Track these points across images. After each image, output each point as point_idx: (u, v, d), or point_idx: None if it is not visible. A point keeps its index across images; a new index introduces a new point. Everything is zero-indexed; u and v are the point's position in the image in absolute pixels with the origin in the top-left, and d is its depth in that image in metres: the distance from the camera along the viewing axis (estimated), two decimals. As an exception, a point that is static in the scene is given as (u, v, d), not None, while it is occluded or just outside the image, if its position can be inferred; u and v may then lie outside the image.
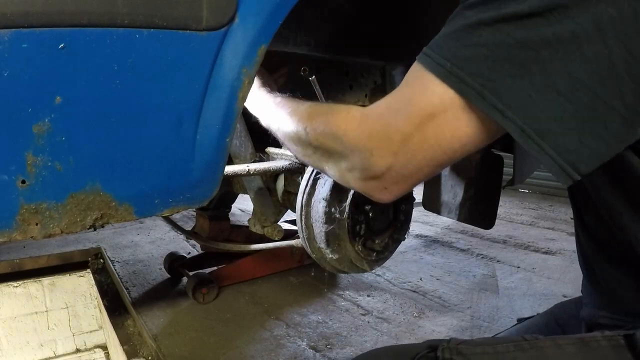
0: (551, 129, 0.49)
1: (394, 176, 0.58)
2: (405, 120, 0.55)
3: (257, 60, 0.83)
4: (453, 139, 0.54)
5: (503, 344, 0.63)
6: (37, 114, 0.66)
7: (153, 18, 0.71)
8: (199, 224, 2.04)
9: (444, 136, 0.54)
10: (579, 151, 0.50)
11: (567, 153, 0.50)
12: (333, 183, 0.95)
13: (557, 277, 2.29)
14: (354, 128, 0.61)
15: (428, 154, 0.56)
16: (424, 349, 0.64)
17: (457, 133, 0.54)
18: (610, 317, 0.71)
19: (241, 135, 1.17)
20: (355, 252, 0.99)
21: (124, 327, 1.87)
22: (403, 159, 0.57)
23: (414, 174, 0.58)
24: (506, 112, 0.50)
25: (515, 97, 0.49)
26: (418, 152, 0.56)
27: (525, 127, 0.50)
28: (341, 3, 1.36)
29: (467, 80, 0.51)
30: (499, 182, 1.54)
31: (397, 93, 0.59)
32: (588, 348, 0.61)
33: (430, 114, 0.54)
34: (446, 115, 0.53)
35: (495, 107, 0.50)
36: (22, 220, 0.68)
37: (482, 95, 0.50)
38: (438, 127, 0.54)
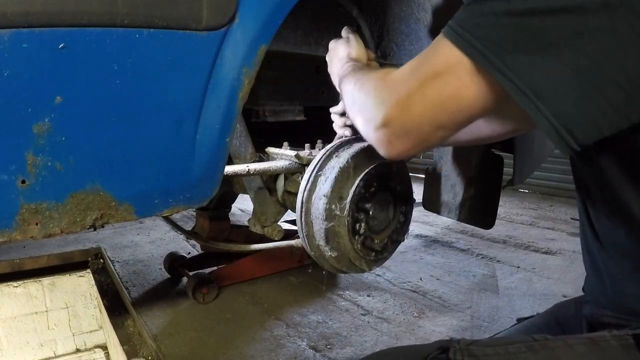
0: (551, 93, 0.51)
1: (397, 128, 0.62)
2: (413, 77, 0.60)
3: (257, 60, 0.83)
4: (452, 99, 0.57)
5: (514, 344, 0.63)
6: (37, 113, 0.66)
7: (153, 18, 0.71)
8: (199, 224, 2.04)
9: (445, 95, 0.57)
10: (576, 117, 0.52)
11: (564, 117, 0.52)
12: (334, 180, 0.95)
13: (557, 277, 2.29)
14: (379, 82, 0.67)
15: (428, 110, 0.59)
16: (434, 350, 0.65)
17: (458, 93, 0.57)
18: (614, 315, 0.71)
19: (241, 135, 1.17)
20: (354, 251, 0.99)
21: (124, 327, 1.87)
22: (405, 112, 0.61)
23: (415, 129, 0.61)
24: (508, 73, 0.52)
25: (519, 62, 0.52)
26: (418, 106, 0.59)
27: (526, 90, 0.52)
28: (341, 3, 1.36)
29: (475, 43, 0.54)
30: (499, 182, 1.54)
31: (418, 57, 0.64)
32: (598, 348, 0.61)
33: (435, 73, 0.58)
34: (449, 76, 0.57)
35: (498, 68, 0.52)
36: (22, 220, 0.68)
37: (487, 57, 0.53)
38: (440, 85, 0.57)
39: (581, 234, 0.80)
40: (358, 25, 1.47)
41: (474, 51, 0.54)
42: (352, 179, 0.97)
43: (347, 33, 1.07)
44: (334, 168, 0.96)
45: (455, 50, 0.56)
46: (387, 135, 0.63)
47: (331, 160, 0.99)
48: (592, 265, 0.76)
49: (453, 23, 0.58)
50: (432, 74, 0.58)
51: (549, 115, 0.52)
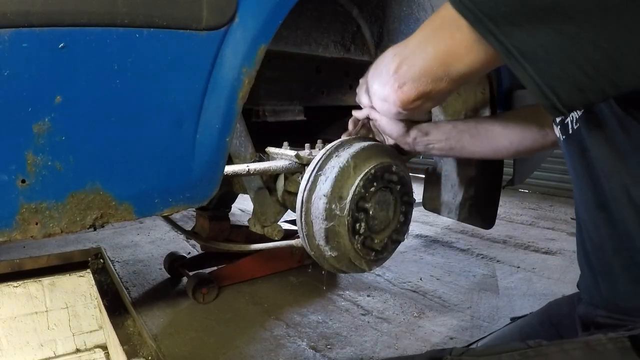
0: (536, 53, 0.54)
1: (401, 76, 0.73)
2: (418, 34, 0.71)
3: (257, 60, 0.83)
4: (446, 54, 0.65)
5: (507, 352, 0.63)
6: (37, 113, 0.66)
7: (153, 18, 0.71)
8: (199, 224, 2.04)
9: (439, 49, 0.65)
10: (560, 76, 0.54)
11: (548, 76, 0.54)
12: (334, 180, 0.95)
13: (557, 277, 2.29)
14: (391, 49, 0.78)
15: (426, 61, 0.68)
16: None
17: (451, 49, 0.64)
18: (608, 315, 0.71)
19: (241, 135, 1.17)
20: (354, 251, 0.99)
21: (124, 327, 1.87)
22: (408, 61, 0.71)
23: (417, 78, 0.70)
24: (498, 35, 0.56)
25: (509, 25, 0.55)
26: (418, 56, 0.69)
27: (513, 50, 0.55)
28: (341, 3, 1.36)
29: (470, 6, 0.58)
30: (499, 182, 1.54)
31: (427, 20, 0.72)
32: (594, 352, 0.61)
33: (433, 30, 0.67)
34: (445, 32, 0.64)
35: (489, 29, 0.56)
36: (22, 220, 0.68)
37: (479, 19, 0.57)
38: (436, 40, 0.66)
39: (577, 231, 0.80)
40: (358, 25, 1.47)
41: (468, 13, 0.58)
42: (353, 178, 0.96)
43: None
44: (334, 168, 0.96)
45: (452, 11, 0.60)
46: (397, 80, 0.74)
47: (331, 160, 0.99)
48: (587, 263, 0.76)
49: None
50: (432, 29, 0.67)
51: (533, 73, 0.55)
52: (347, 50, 1.47)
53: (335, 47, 1.44)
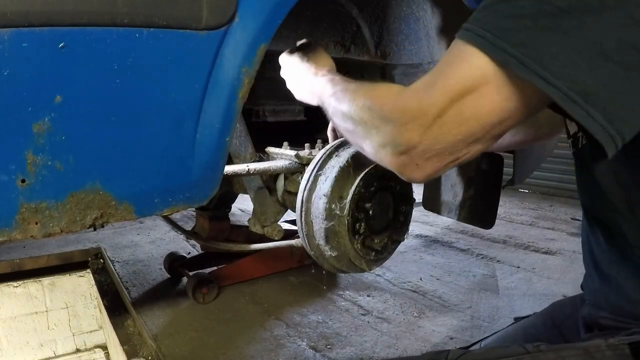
0: (599, 94, 0.48)
1: (425, 151, 0.56)
2: (441, 93, 0.54)
3: (257, 60, 0.83)
4: (491, 113, 0.52)
5: (506, 357, 0.62)
6: (37, 113, 0.66)
7: (153, 17, 0.71)
8: (199, 223, 2.04)
9: (482, 110, 0.52)
10: (627, 116, 0.48)
11: (617, 120, 0.48)
12: (334, 180, 0.95)
13: (557, 277, 2.29)
14: (390, 101, 0.61)
15: (464, 129, 0.54)
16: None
17: (496, 107, 0.52)
18: (613, 318, 0.70)
19: (241, 135, 1.17)
20: (354, 251, 0.99)
21: (124, 327, 1.87)
22: (436, 132, 0.55)
23: (447, 149, 0.56)
24: (550, 78, 0.48)
25: (560, 64, 0.48)
26: (453, 126, 0.54)
27: (571, 93, 0.48)
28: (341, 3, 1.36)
29: (509, 50, 0.49)
30: (499, 182, 1.54)
31: (434, 69, 0.57)
32: (593, 359, 0.60)
33: (468, 87, 0.52)
34: (485, 88, 0.52)
35: (539, 74, 0.48)
36: (22, 220, 0.68)
37: (525, 63, 0.48)
38: (476, 100, 0.52)
39: (583, 234, 0.79)
40: (358, 25, 1.47)
41: (511, 59, 0.49)
42: (353, 178, 0.97)
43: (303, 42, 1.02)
44: (334, 167, 0.96)
45: (488, 60, 0.51)
46: (413, 159, 0.57)
47: (331, 160, 0.99)
48: (594, 266, 0.76)
49: (476, 27, 0.52)
50: (466, 88, 0.52)
51: (602, 120, 0.48)
52: (347, 50, 1.47)
53: (335, 47, 1.44)
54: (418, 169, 0.58)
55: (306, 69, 0.93)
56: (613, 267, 0.70)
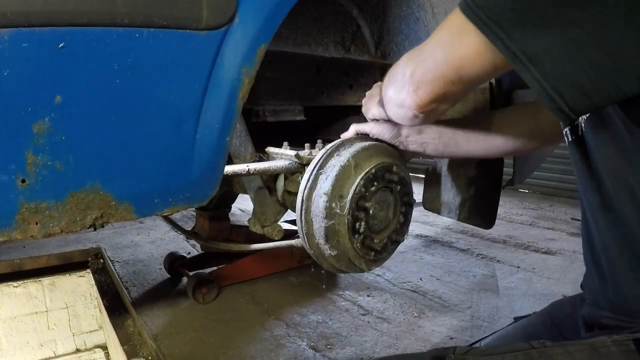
0: (541, 57, 0.55)
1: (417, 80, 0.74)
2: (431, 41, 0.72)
3: (257, 60, 0.83)
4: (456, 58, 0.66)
5: (511, 352, 0.63)
6: (37, 113, 0.66)
7: (153, 17, 0.71)
8: (199, 224, 2.04)
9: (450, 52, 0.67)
10: (564, 80, 0.55)
11: (553, 79, 0.55)
12: (335, 178, 0.95)
13: (557, 277, 2.29)
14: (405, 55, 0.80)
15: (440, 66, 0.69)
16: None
17: (461, 54, 0.65)
18: (613, 317, 0.71)
19: (241, 135, 1.17)
20: (354, 250, 0.99)
21: (124, 327, 1.87)
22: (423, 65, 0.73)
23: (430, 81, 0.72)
24: (505, 39, 0.57)
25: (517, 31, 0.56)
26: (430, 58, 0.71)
27: (519, 54, 0.56)
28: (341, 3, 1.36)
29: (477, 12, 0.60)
30: (499, 182, 1.54)
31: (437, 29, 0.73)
32: (599, 354, 0.61)
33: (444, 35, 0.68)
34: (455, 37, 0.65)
35: (496, 34, 0.58)
36: (22, 220, 0.68)
37: (487, 25, 0.58)
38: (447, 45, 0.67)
39: (582, 229, 0.79)
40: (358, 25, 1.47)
41: (476, 18, 0.60)
42: (353, 177, 0.96)
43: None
44: (334, 166, 0.96)
45: (461, 17, 0.62)
46: (412, 84, 0.74)
47: (332, 159, 0.99)
48: (594, 263, 0.76)
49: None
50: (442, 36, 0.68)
51: (539, 76, 0.56)
52: (347, 50, 1.47)
53: (335, 47, 1.44)
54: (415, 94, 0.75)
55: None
56: (612, 263, 0.70)
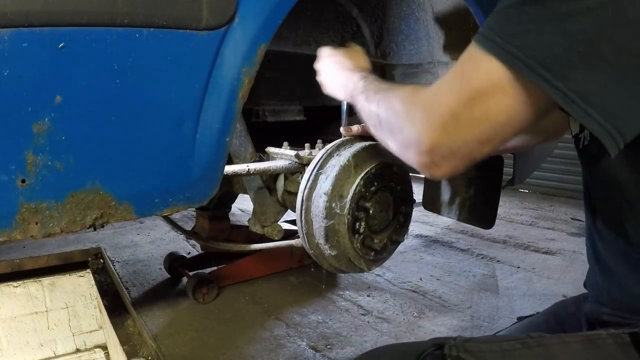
0: (598, 96, 0.50)
1: (443, 151, 0.60)
2: (455, 96, 0.58)
3: (257, 60, 0.83)
4: (500, 114, 0.56)
5: (509, 341, 0.64)
6: (37, 113, 0.66)
7: (153, 17, 0.71)
8: (199, 224, 2.04)
9: (492, 111, 0.56)
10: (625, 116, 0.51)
11: (614, 119, 0.50)
12: (335, 178, 0.95)
13: (557, 277, 2.29)
14: (409, 102, 0.65)
15: (476, 129, 0.57)
16: (430, 347, 0.65)
17: (505, 109, 0.55)
18: (614, 314, 0.71)
19: (241, 135, 1.17)
20: (353, 250, 0.99)
21: (124, 327, 1.87)
22: (451, 132, 0.59)
23: (462, 149, 0.60)
24: (553, 81, 0.51)
25: (561, 65, 0.50)
26: (466, 126, 0.58)
27: (571, 94, 0.50)
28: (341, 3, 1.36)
29: (515, 53, 0.52)
30: (499, 182, 1.54)
31: (450, 72, 0.61)
32: (594, 346, 0.61)
33: (478, 89, 0.56)
34: (494, 91, 0.55)
35: (542, 76, 0.51)
36: (22, 220, 0.68)
37: (529, 66, 0.51)
38: (485, 102, 0.56)
39: (586, 227, 0.79)
40: (358, 25, 1.47)
41: (517, 62, 0.52)
42: (353, 177, 0.97)
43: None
44: (334, 166, 0.96)
45: (496, 63, 0.54)
46: (433, 158, 0.62)
47: (332, 159, 0.99)
48: (596, 260, 0.76)
49: (488, 32, 0.55)
50: (476, 92, 0.56)
51: (600, 119, 0.50)
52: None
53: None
54: (437, 167, 0.63)
55: (343, 65, 0.96)
56: (615, 261, 0.70)
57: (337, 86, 0.96)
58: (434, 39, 1.40)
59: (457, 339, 0.65)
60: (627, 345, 0.60)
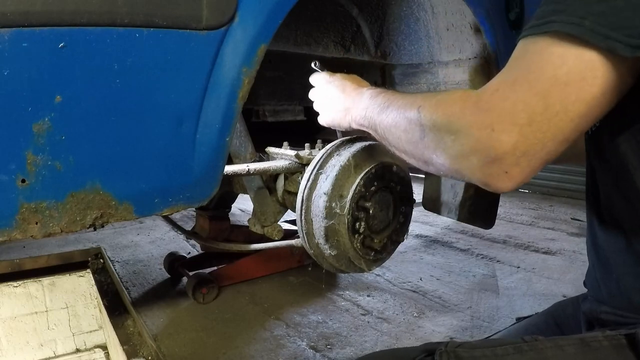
0: None
1: (518, 155, 0.52)
2: (527, 89, 0.52)
3: (257, 60, 0.83)
4: (577, 102, 0.50)
5: (502, 346, 0.63)
6: (37, 113, 0.66)
7: (153, 17, 0.71)
8: (199, 223, 2.04)
9: (569, 100, 0.50)
10: None
11: None
12: (335, 178, 0.95)
13: (557, 277, 2.29)
14: (471, 105, 0.57)
15: (553, 124, 0.51)
16: (420, 353, 0.64)
17: (583, 94, 0.50)
18: (613, 312, 0.71)
19: (241, 135, 1.17)
20: (353, 250, 0.99)
21: (124, 327, 1.87)
22: (527, 131, 0.51)
23: (538, 152, 0.52)
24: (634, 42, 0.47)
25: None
26: (543, 122, 0.51)
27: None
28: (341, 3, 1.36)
29: (611, 34, 0.48)
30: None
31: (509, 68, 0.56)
32: (589, 348, 0.61)
33: (554, 79, 0.50)
34: (570, 77, 0.50)
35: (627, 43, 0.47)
36: (22, 219, 0.68)
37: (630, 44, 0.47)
38: (563, 91, 0.50)
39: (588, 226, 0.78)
40: (358, 25, 1.47)
41: (615, 43, 0.48)
42: (353, 177, 0.97)
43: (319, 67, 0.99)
44: (334, 166, 0.96)
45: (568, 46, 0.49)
46: (503, 166, 0.53)
47: (332, 159, 0.99)
48: (597, 256, 0.75)
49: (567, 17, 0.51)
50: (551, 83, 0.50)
51: None
52: (347, 50, 1.47)
53: (335, 47, 1.44)
54: (507, 177, 0.54)
55: (345, 86, 0.89)
56: (615, 255, 0.70)
57: (338, 111, 0.89)
58: (434, 39, 1.40)
59: (448, 345, 0.63)
60: (623, 346, 0.60)
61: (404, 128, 0.67)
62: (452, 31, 1.36)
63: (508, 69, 0.55)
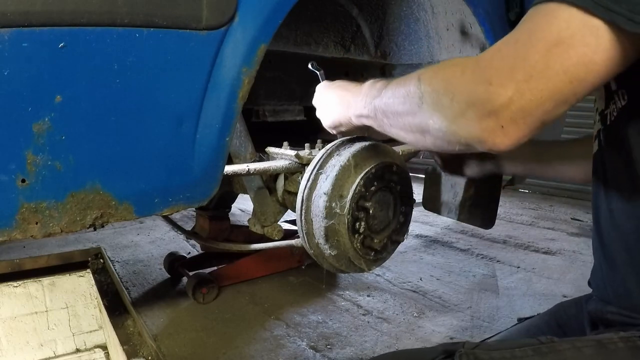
0: None
1: (514, 111, 0.53)
2: (528, 47, 0.53)
3: (257, 60, 0.83)
4: (579, 65, 0.51)
5: (520, 348, 0.63)
6: (37, 113, 0.66)
7: (153, 17, 0.71)
8: (199, 223, 2.04)
9: (570, 62, 0.51)
10: None
11: None
12: (335, 178, 0.95)
13: (557, 277, 2.29)
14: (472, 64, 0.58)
15: (551, 83, 0.52)
16: (439, 354, 0.64)
17: (584, 59, 0.51)
18: (619, 312, 0.70)
19: (241, 135, 1.17)
20: (353, 250, 0.99)
21: (124, 327, 1.87)
22: (525, 87, 0.52)
23: (534, 109, 0.53)
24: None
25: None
26: (541, 79, 0.52)
27: None
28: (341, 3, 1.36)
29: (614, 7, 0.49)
30: (499, 182, 1.54)
31: (514, 31, 0.56)
32: (606, 350, 0.61)
33: (557, 39, 0.51)
34: (573, 40, 0.51)
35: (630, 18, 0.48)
36: (22, 219, 0.68)
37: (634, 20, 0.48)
38: (565, 52, 0.51)
39: (594, 225, 0.78)
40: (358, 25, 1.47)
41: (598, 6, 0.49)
42: (353, 177, 0.97)
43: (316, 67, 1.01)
44: (335, 166, 0.96)
45: (575, 11, 0.50)
46: (499, 121, 0.54)
47: (332, 159, 0.99)
48: (603, 255, 0.75)
49: None
50: (553, 40, 0.51)
51: None
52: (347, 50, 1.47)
53: (335, 47, 1.44)
54: (503, 132, 0.55)
55: (346, 87, 0.90)
56: (623, 253, 0.69)
57: (339, 108, 0.90)
58: (434, 39, 1.40)
59: (465, 345, 0.64)
60: (638, 349, 0.60)
61: (401, 100, 0.68)
62: (452, 31, 1.36)
63: (513, 31, 0.56)
